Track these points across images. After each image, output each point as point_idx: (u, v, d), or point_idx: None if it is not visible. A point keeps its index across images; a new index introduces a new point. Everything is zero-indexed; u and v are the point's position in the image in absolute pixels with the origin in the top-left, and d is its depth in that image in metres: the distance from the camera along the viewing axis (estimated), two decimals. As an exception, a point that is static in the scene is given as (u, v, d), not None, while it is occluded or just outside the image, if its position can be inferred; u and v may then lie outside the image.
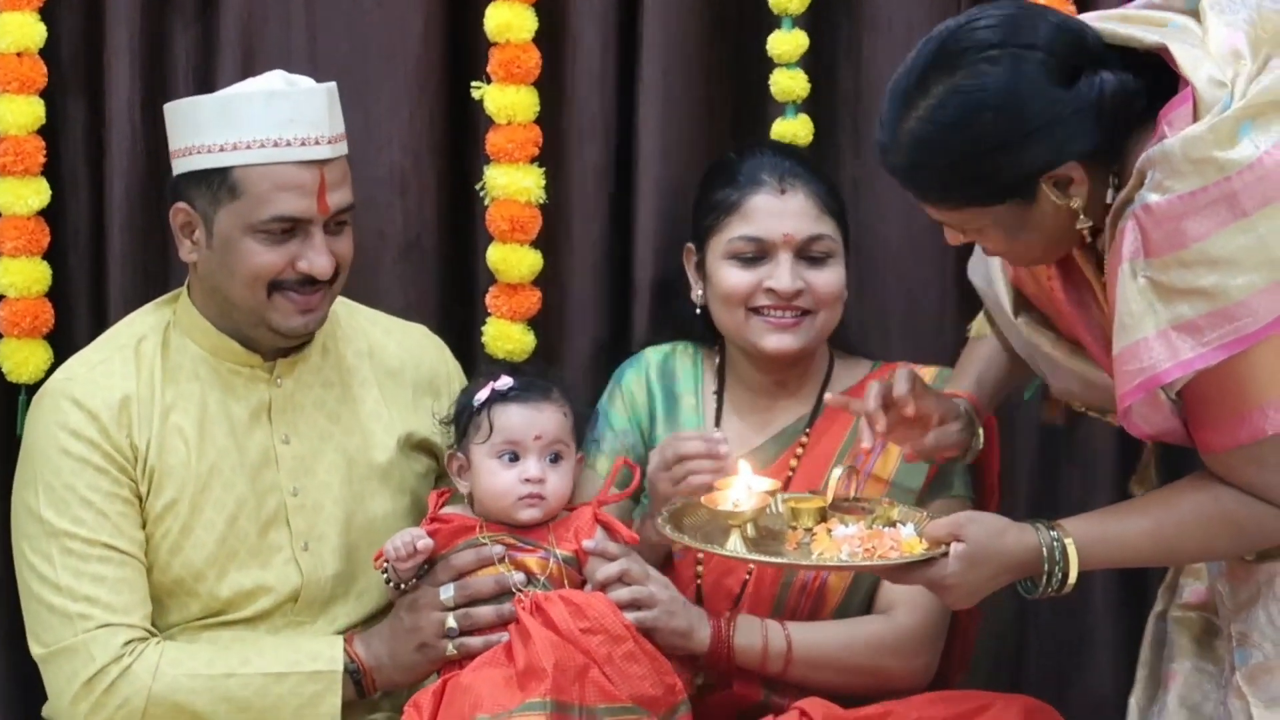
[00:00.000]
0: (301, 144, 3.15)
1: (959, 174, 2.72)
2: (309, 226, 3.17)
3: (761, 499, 3.01)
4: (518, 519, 3.22)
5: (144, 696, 3.13)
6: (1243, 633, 2.83)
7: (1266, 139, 2.58)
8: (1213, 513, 2.78)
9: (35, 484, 3.21)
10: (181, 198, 3.20)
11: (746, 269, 3.37)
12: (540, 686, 3.01)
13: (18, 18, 3.56)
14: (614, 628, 3.12)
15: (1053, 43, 2.65)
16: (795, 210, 3.36)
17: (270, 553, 3.27)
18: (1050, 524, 2.84)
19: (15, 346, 3.64)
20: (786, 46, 3.66)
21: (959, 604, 2.94)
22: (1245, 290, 2.59)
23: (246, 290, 3.18)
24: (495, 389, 3.27)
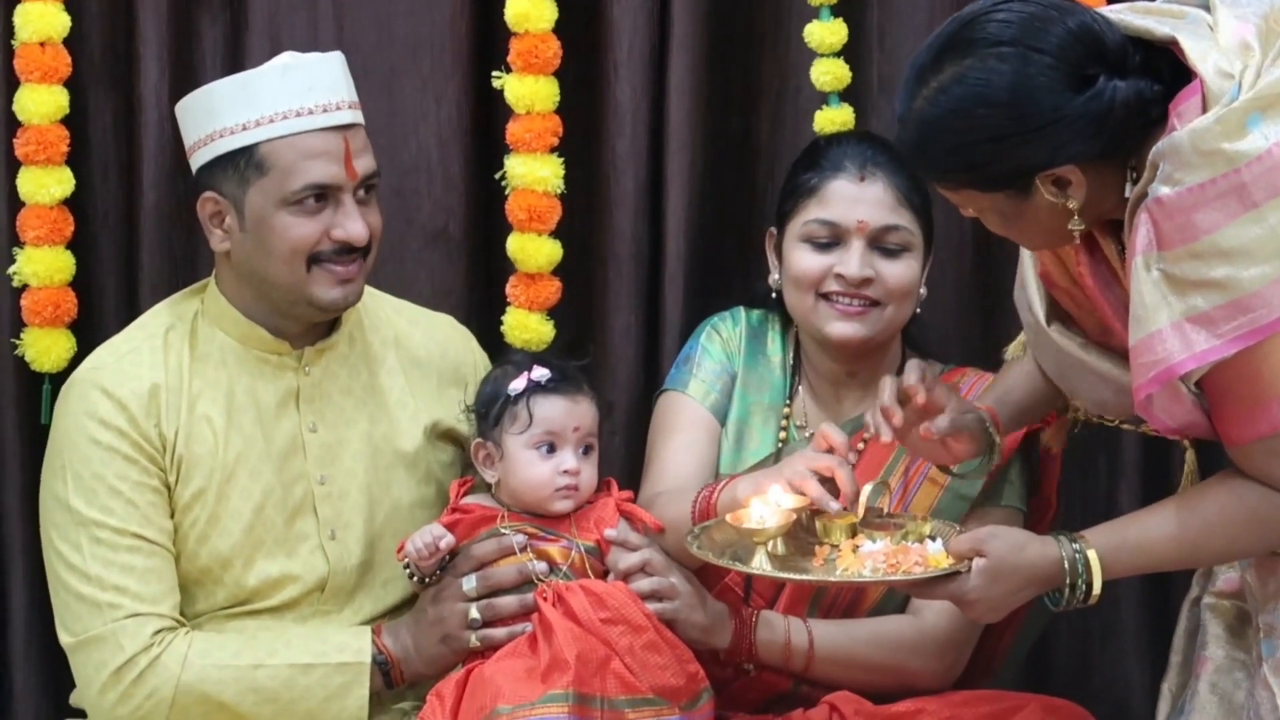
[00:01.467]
0: (324, 110, 3.16)
1: (956, 158, 2.74)
2: (340, 194, 3.17)
3: (786, 516, 3.01)
4: (552, 510, 3.24)
5: (172, 686, 3.14)
6: (1270, 624, 2.82)
7: (1275, 129, 2.59)
8: (1236, 511, 2.78)
9: (64, 473, 3.22)
10: (208, 187, 3.21)
11: (819, 253, 3.37)
12: (563, 678, 3.02)
13: (40, 7, 3.59)
14: (635, 618, 3.12)
15: (1066, 47, 2.66)
16: (872, 198, 3.36)
17: (297, 541, 3.29)
18: (1073, 536, 2.86)
19: (38, 335, 3.67)
20: (826, 36, 3.70)
21: (983, 618, 2.96)
22: (1259, 281, 2.60)
23: (285, 267, 3.19)
24: (533, 379, 3.28)
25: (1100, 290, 2.86)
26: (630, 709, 3.06)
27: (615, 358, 3.79)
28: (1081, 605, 2.86)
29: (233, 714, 3.17)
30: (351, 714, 3.20)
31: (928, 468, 3.32)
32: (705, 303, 3.68)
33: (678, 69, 3.73)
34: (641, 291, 3.79)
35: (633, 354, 3.79)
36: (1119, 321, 2.83)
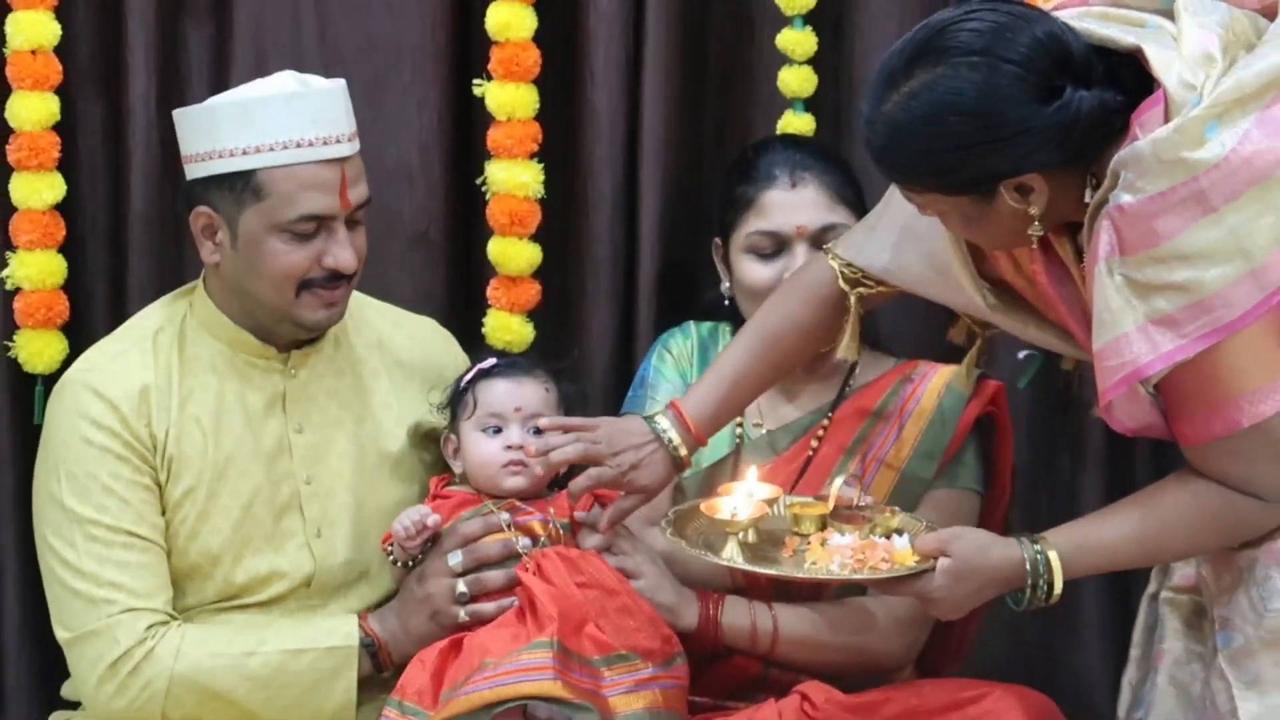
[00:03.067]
0: (324, 143, 3.18)
1: (923, 163, 2.78)
2: (332, 223, 3.22)
3: (759, 508, 3.09)
4: (504, 487, 3.29)
5: (167, 677, 3.17)
6: (1225, 617, 2.87)
7: (1232, 136, 2.63)
8: (1194, 510, 2.84)
9: (58, 472, 3.25)
10: (202, 201, 3.24)
11: (765, 263, 3.44)
12: (549, 628, 3.09)
13: (32, 16, 3.63)
14: (608, 582, 3.19)
15: (1033, 59, 2.69)
16: (807, 202, 3.43)
17: (284, 539, 3.32)
18: (1034, 537, 2.90)
19: (31, 337, 3.71)
20: (796, 44, 3.75)
21: (946, 616, 3.01)
22: (1219, 282, 2.64)
23: (274, 289, 3.23)
24: (480, 368, 3.36)
25: (1054, 288, 2.89)
26: (605, 667, 3.12)
27: (592, 356, 3.83)
28: (1043, 605, 2.91)
29: (226, 701, 3.20)
30: (341, 697, 3.23)
31: (883, 455, 3.41)
32: (678, 302, 3.74)
33: (652, 77, 3.77)
34: (617, 292, 3.84)
35: (609, 351, 3.84)
36: (1072, 318, 2.89)
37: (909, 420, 3.45)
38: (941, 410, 3.44)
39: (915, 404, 3.46)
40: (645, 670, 3.14)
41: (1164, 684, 3.07)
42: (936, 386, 3.47)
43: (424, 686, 3.14)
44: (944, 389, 3.46)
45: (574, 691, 3.06)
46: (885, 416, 3.47)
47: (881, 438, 3.45)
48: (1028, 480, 3.80)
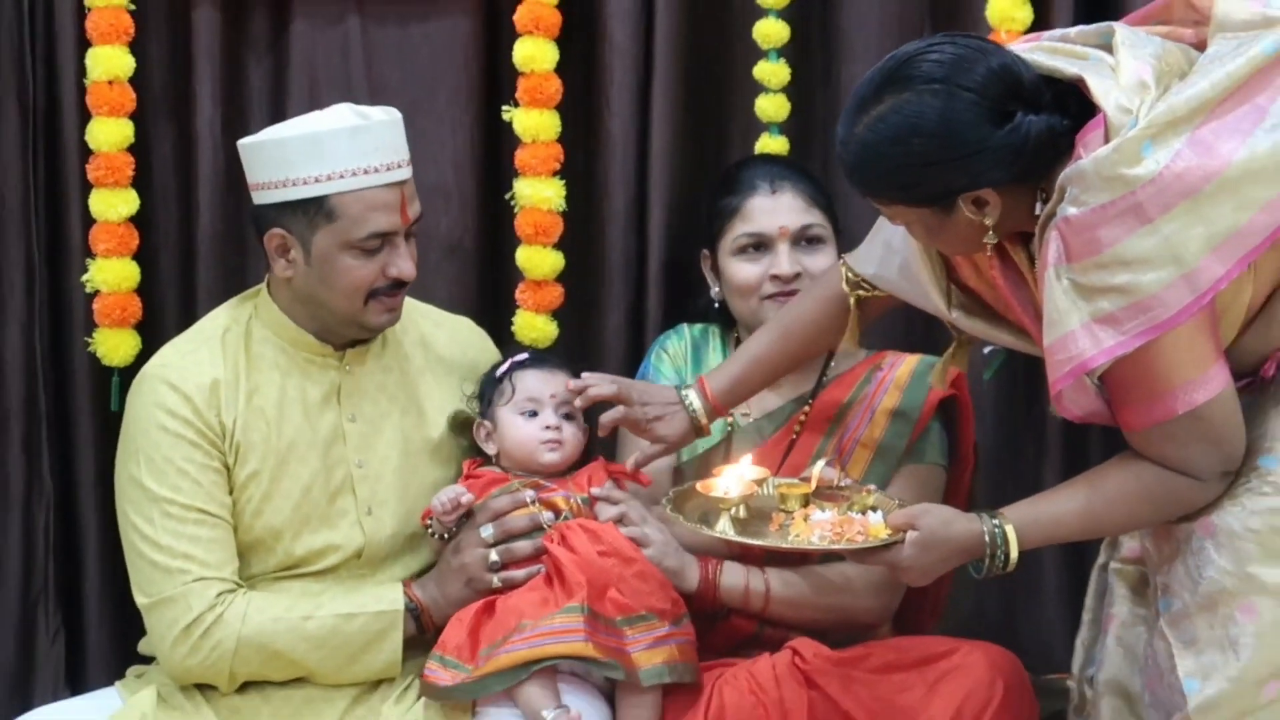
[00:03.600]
0: (386, 169, 3.31)
1: (890, 179, 2.90)
2: (394, 237, 3.34)
3: (748, 487, 3.24)
4: (542, 462, 3.47)
5: (234, 639, 3.32)
6: (1165, 584, 3.00)
7: (1165, 154, 2.75)
8: (1133, 488, 2.97)
9: (137, 456, 3.37)
10: (275, 224, 3.35)
11: (752, 262, 3.63)
12: (579, 594, 3.27)
13: (109, 50, 3.83)
14: (626, 550, 3.36)
15: (988, 86, 2.82)
16: (786, 205, 3.63)
17: (338, 517, 3.45)
18: (993, 513, 3.04)
19: (107, 335, 3.90)
20: (771, 75, 3.94)
21: (914, 582, 3.16)
22: (1156, 285, 2.76)
23: (346, 300, 3.36)
24: (514, 361, 3.53)
25: (1011, 291, 3.02)
26: (627, 626, 3.30)
27: (607, 351, 4.00)
28: (1001, 573, 3.05)
29: (287, 660, 3.35)
30: (388, 656, 3.37)
31: (859, 435, 3.59)
32: (681, 303, 3.91)
33: (659, 104, 3.94)
34: (629, 294, 4.00)
35: (622, 348, 4.00)
36: (1026, 317, 3.01)
37: (880, 404, 3.62)
38: (909, 394, 3.61)
39: (885, 390, 3.64)
40: (662, 628, 3.32)
41: (1112, 644, 3.24)
42: (904, 373, 3.65)
43: (462, 642, 3.32)
44: (910, 376, 3.64)
45: (602, 651, 3.25)
46: (859, 402, 3.64)
47: (856, 420, 3.62)
48: (993, 463, 3.95)
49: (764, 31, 3.93)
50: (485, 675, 3.28)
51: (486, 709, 3.34)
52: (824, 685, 3.35)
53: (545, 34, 3.88)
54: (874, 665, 3.38)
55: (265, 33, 3.98)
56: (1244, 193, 2.78)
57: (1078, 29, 3.05)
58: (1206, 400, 2.87)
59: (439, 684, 3.31)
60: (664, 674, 3.32)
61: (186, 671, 3.37)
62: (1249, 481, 2.95)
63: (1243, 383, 2.99)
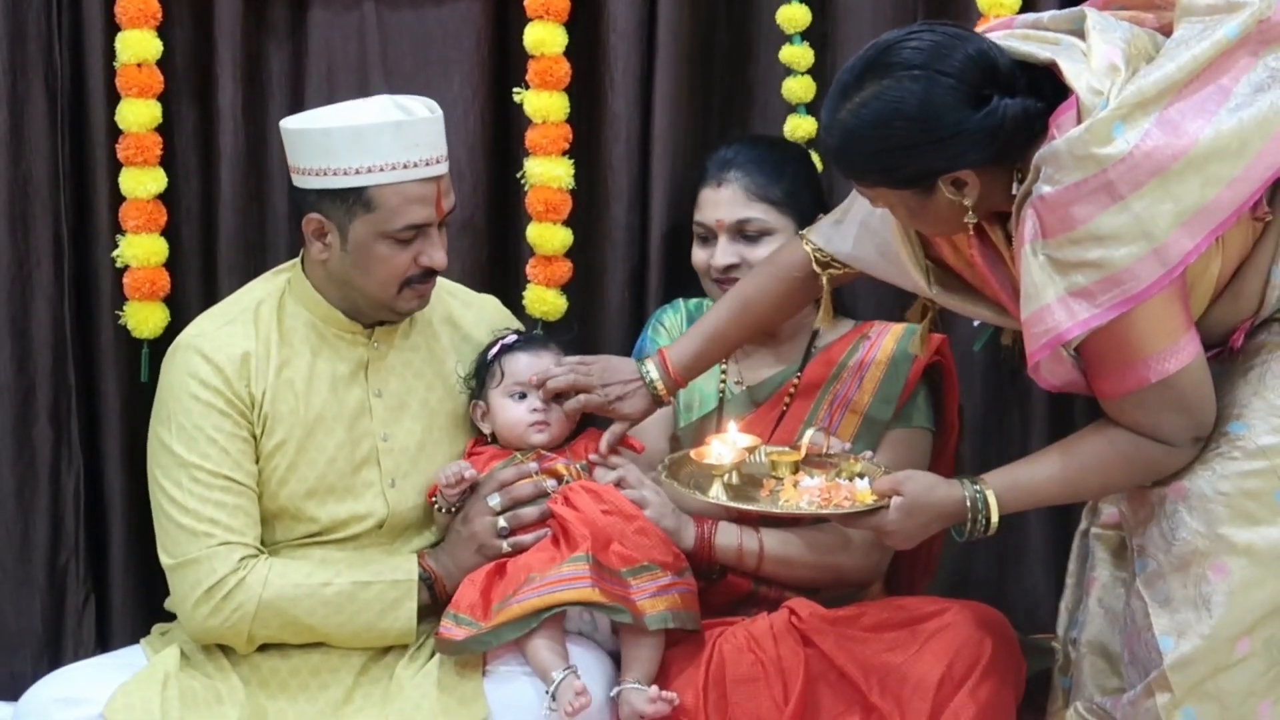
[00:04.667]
0: (425, 164, 3.37)
1: (873, 162, 2.98)
2: (428, 228, 3.42)
3: (740, 454, 3.33)
4: (531, 442, 3.55)
5: (255, 602, 3.38)
6: (1141, 546, 3.08)
7: (1135, 134, 2.82)
8: (1109, 454, 3.05)
9: (169, 422, 3.44)
10: (314, 209, 3.40)
11: (702, 248, 3.76)
12: (583, 545, 3.35)
13: (137, 34, 3.90)
14: (626, 508, 3.44)
15: (966, 72, 2.89)
16: (726, 199, 3.70)
17: (363, 488, 3.52)
18: (974, 479, 3.11)
19: (137, 308, 3.99)
20: (797, 58, 4.00)
21: (899, 545, 3.25)
22: (1128, 259, 2.84)
23: (380, 287, 3.44)
24: (503, 344, 3.59)
25: (989, 269, 3.09)
26: (631, 577, 3.38)
27: (610, 324, 4.07)
28: (982, 536, 3.13)
29: (304, 625, 3.42)
30: (403, 623, 3.44)
31: (848, 402, 3.65)
32: (681, 280, 3.95)
33: (662, 86, 4.00)
34: (632, 268, 4.07)
35: (625, 320, 4.06)
36: (1004, 293, 3.08)
37: (868, 371, 3.69)
38: (895, 361, 3.68)
39: (873, 357, 3.71)
40: (665, 578, 3.40)
41: (1094, 606, 3.32)
42: (890, 341, 3.72)
43: (475, 601, 3.39)
44: (896, 344, 3.70)
45: (609, 596, 3.32)
46: (848, 369, 3.71)
47: (845, 387, 3.69)
48: (980, 430, 4.04)
49: (787, 15, 3.99)
50: (498, 625, 3.34)
51: (497, 667, 3.40)
52: (819, 643, 3.42)
53: (554, 18, 3.95)
54: (867, 624, 3.45)
55: (284, 17, 4.04)
56: (1210, 170, 2.85)
57: (1050, 14, 3.12)
58: (1178, 369, 2.94)
59: (453, 639, 3.37)
60: (668, 619, 3.39)
61: (207, 632, 3.44)
62: (1219, 447, 3.03)
63: (1212, 353, 3.06)
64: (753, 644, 3.45)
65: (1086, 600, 3.34)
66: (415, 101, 3.47)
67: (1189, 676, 3.01)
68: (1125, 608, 3.14)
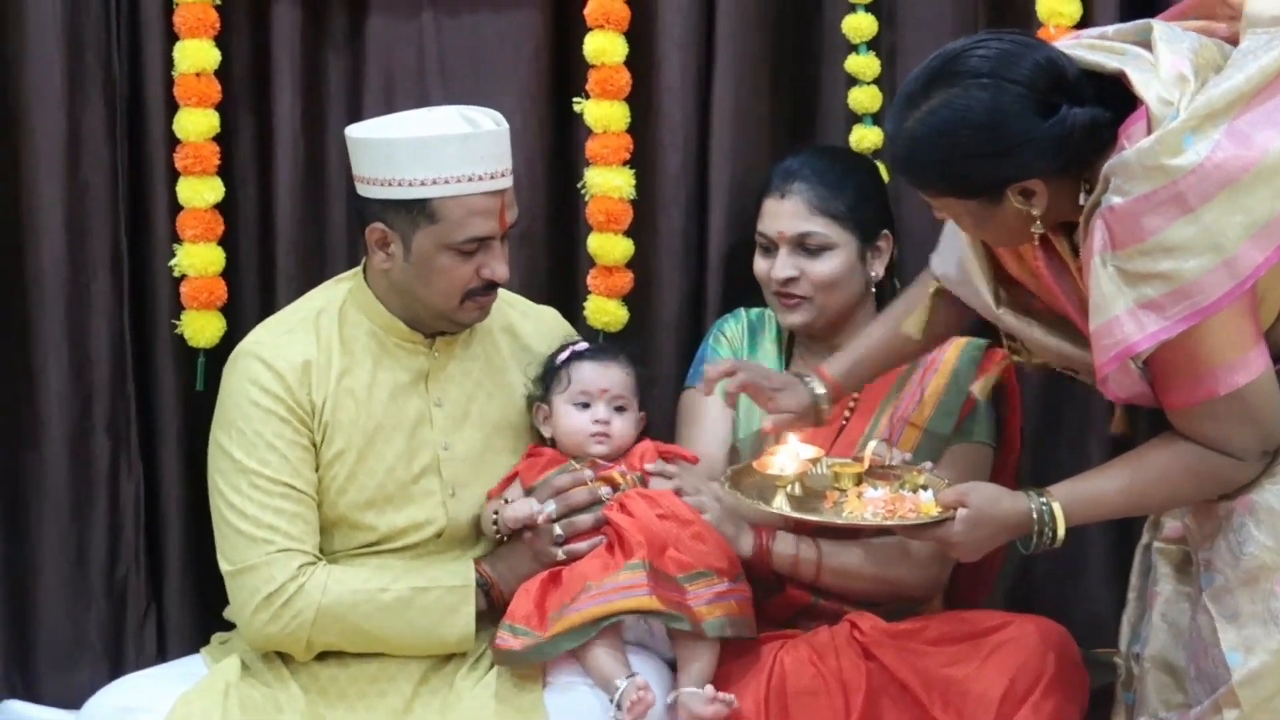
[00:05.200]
0: (490, 178, 3.39)
1: (940, 171, 2.97)
2: (491, 241, 3.43)
3: (803, 465, 3.31)
4: (590, 452, 3.56)
5: (314, 609, 3.40)
6: (1207, 560, 3.06)
7: (1205, 145, 2.81)
8: (1176, 467, 3.02)
9: (230, 429, 3.46)
10: (378, 219, 3.43)
11: (765, 258, 3.75)
12: (639, 552, 3.36)
13: (195, 44, 3.91)
14: (683, 513, 3.46)
15: (1034, 79, 2.89)
16: (789, 212, 3.69)
17: (423, 497, 3.53)
18: (1040, 491, 3.09)
19: (194, 317, 3.99)
20: (862, 68, 4.02)
21: (964, 558, 3.24)
22: (1198, 271, 2.82)
23: (442, 299, 3.45)
24: (574, 350, 3.62)
25: (1054, 280, 3.08)
26: (688, 583, 3.39)
27: (667, 335, 4.05)
28: (1048, 549, 3.10)
29: (363, 631, 3.42)
30: (461, 629, 3.45)
31: (908, 415, 3.65)
32: (740, 291, 3.93)
33: (721, 96, 3.99)
34: (691, 281, 4.05)
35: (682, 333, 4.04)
36: (1070, 305, 3.07)
37: (929, 385, 3.68)
38: (957, 375, 3.67)
39: (934, 371, 3.69)
40: (721, 584, 3.41)
41: (1158, 620, 3.29)
42: (952, 355, 3.70)
43: (530, 611, 3.40)
44: (958, 357, 3.69)
45: (667, 603, 3.33)
46: (909, 382, 3.71)
47: (906, 400, 3.69)
48: (1039, 442, 3.98)
49: (853, 25, 4.00)
50: (556, 635, 3.35)
51: (557, 677, 3.41)
52: (881, 656, 3.43)
53: (615, 27, 3.96)
54: (929, 637, 3.45)
55: (343, 27, 4.04)
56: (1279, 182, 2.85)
57: (1115, 27, 3.11)
58: (1247, 382, 2.93)
59: (510, 649, 3.38)
60: (724, 627, 3.40)
61: (266, 639, 3.46)
62: None
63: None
64: (814, 656, 3.46)
65: (1149, 615, 3.32)
66: (481, 113, 3.48)
67: (1257, 692, 2.99)
68: (1191, 623, 3.13)
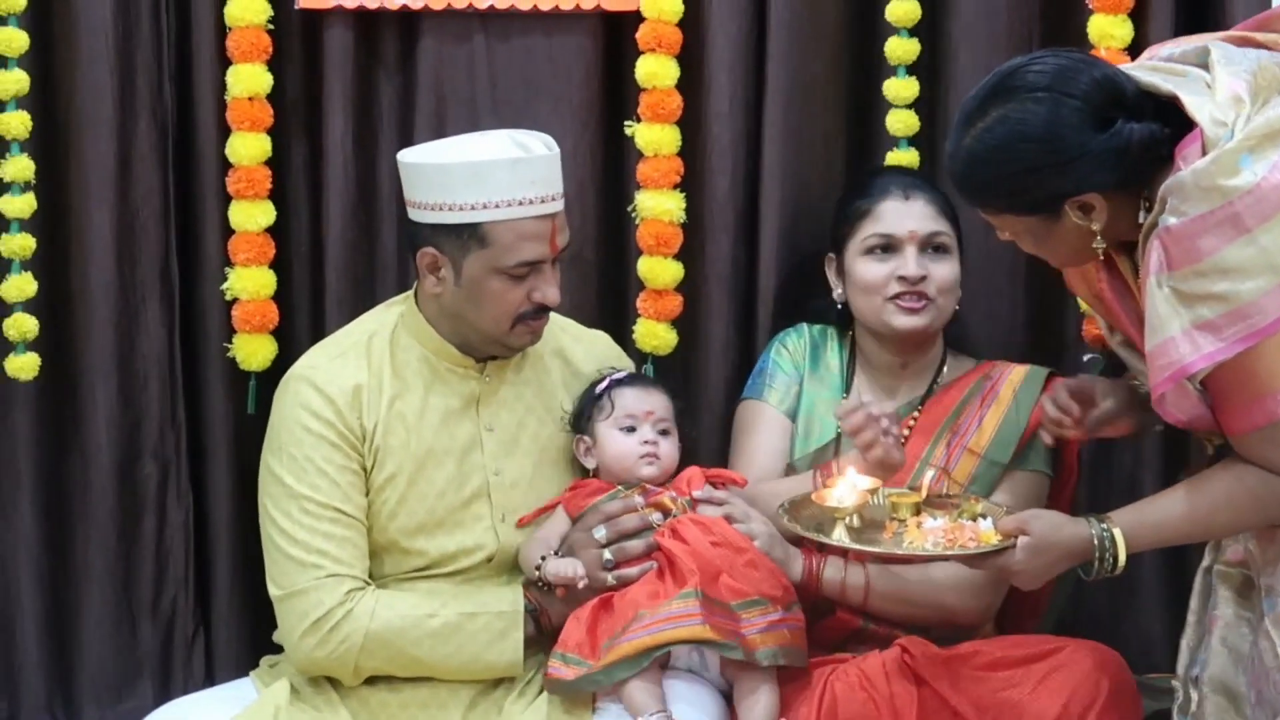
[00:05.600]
0: (541, 202, 3.41)
1: (999, 186, 3.00)
2: (542, 265, 3.44)
3: (861, 496, 3.30)
4: (640, 475, 3.55)
5: (362, 634, 3.40)
6: (1270, 585, 3.05)
7: (1263, 166, 2.83)
8: (1238, 492, 3.02)
9: (280, 453, 3.48)
10: (429, 243, 3.44)
11: (881, 262, 3.70)
12: (691, 580, 3.35)
13: (248, 68, 3.92)
14: (736, 540, 3.44)
15: (1091, 94, 2.92)
16: (918, 212, 3.71)
17: (473, 522, 3.54)
18: (1101, 517, 3.10)
19: (246, 340, 4.00)
20: (901, 91, 4.02)
21: (1026, 586, 3.22)
22: (1255, 293, 2.84)
23: (493, 323, 3.46)
24: (614, 379, 3.62)
25: (1116, 301, 3.12)
26: (741, 610, 3.38)
27: (715, 360, 4.04)
28: (1110, 575, 3.11)
29: (410, 656, 3.43)
30: (510, 655, 3.45)
31: (966, 442, 3.66)
32: (791, 317, 3.94)
33: (771, 119, 4.00)
34: (738, 307, 4.05)
35: (731, 357, 4.04)
36: (1132, 327, 3.10)
37: (989, 412, 3.70)
38: (1016, 403, 3.69)
39: (994, 398, 3.71)
40: (775, 613, 3.40)
41: (1217, 645, 3.25)
42: (1012, 383, 3.72)
43: (582, 640, 3.40)
44: (1019, 385, 3.71)
45: (720, 633, 3.32)
46: (968, 409, 3.72)
47: (965, 427, 3.70)
48: (1093, 469, 3.99)
49: (894, 48, 4.01)
50: (609, 665, 3.35)
51: (607, 705, 3.40)
52: (933, 682, 3.43)
53: (667, 51, 3.96)
54: (981, 662, 3.45)
55: (395, 51, 4.05)
56: None
57: (1174, 49, 3.14)
58: None
59: (563, 679, 3.39)
60: (778, 656, 3.40)
61: (313, 663, 3.47)
62: None
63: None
64: (865, 682, 3.45)
65: (1209, 638, 3.28)
66: (533, 138, 3.49)
67: (1319, 718, 2.98)
68: (1252, 647, 3.13)
